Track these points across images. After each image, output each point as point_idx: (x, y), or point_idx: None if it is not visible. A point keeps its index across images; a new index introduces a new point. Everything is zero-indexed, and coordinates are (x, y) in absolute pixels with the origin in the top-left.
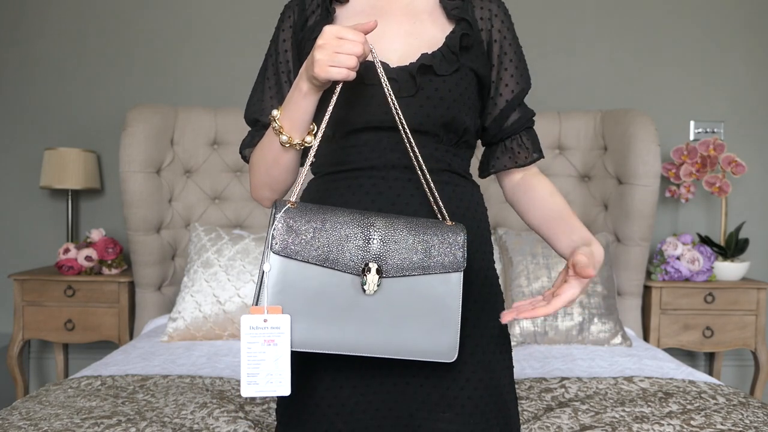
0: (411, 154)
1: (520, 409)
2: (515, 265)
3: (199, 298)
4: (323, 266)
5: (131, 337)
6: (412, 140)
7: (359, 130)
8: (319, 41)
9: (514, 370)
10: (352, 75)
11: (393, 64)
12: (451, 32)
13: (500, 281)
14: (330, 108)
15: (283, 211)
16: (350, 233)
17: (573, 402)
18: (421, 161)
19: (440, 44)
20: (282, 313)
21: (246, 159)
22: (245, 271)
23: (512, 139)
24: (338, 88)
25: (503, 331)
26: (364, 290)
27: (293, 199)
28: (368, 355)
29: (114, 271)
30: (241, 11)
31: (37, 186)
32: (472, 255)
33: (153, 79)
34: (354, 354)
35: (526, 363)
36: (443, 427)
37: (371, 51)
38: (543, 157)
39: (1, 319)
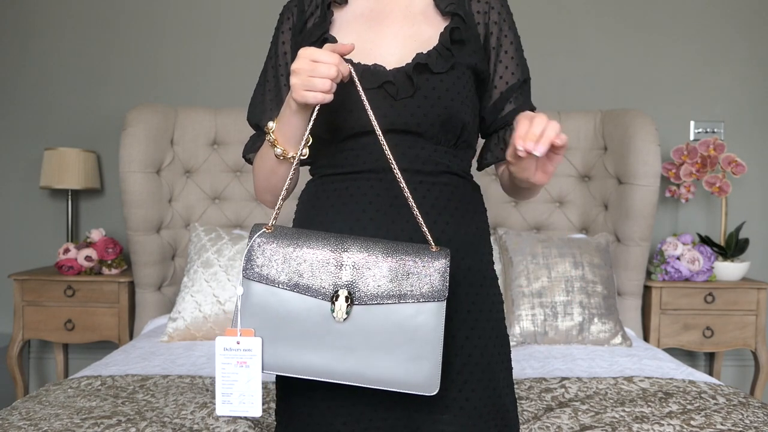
0: (388, 158)
1: (520, 409)
2: (515, 265)
3: (199, 298)
4: (293, 291)
5: (131, 337)
6: (385, 145)
7: (358, 134)
8: (294, 65)
9: (514, 370)
10: (328, 98)
11: (390, 66)
12: (444, 28)
13: (500, 281)
14: (309, 125)
15: (257, 235)
16: (323, 258)
17: (573, 402)
18: (395, 167)
19: (435, 43)
20: (254, 336)
21: (250, 162)
22: None
23: (506, 130)
24: (316, 108)
25: (501, 332)
26: (334, 317)
27: (271, 221)
28: (344, 382)
29: (114, 271)
30: (241, 11)
31: (37, 186)
32: (469, 256)
33: (153, 79)
34: (329, 381)
35: (526, 363)
36: (442, 428)
37: (350, 70)
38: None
39: (1, 319)
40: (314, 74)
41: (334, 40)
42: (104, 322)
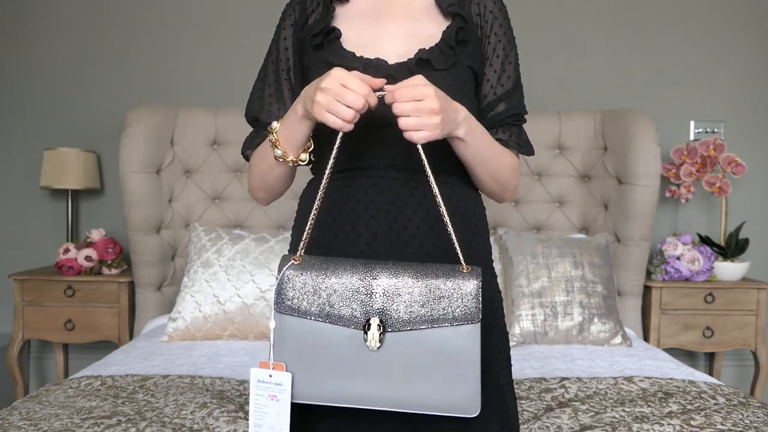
0: (422, 158)
1: (520, 409)
2: (515, 265)
3: (199, 298)
4: (325, 322)
5: (131, 337)
6: (422, 150)
7: (361, 130)
8: (323, 83)
9: (514, 370)
10: (348, 127)
11: (392, 61)
12: (447, 27)
13: (500, 281)
14: (335, 151)
15: (286, 268)
16: (352, 287)
17: (573, 402)
18: (428, 169)
19: (437, 40)
20: (285, 371)
21: (247, 159)
22: (245, 271)
23: (494, 131)
24: (341, 135)
25: (501, 330)
26: (368, 346)
27: (300, 251)
28: (384, 408)
29: (114, 271)
30: (241, 11)
31: (37, 186)
32: (469, 255)
33: (153, 79)
34: (369, 407)
35: (526, 363)
36: (443, 426)
37: (377, 103)
38: (525, 153)
39: (1, 319)
40: (341, 99)
41: (338, 33)
42: (104, 322)
